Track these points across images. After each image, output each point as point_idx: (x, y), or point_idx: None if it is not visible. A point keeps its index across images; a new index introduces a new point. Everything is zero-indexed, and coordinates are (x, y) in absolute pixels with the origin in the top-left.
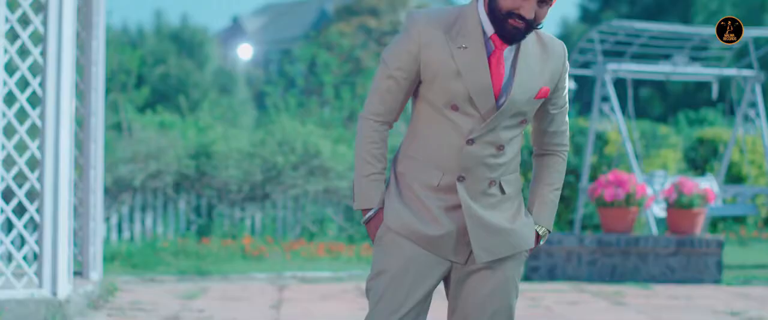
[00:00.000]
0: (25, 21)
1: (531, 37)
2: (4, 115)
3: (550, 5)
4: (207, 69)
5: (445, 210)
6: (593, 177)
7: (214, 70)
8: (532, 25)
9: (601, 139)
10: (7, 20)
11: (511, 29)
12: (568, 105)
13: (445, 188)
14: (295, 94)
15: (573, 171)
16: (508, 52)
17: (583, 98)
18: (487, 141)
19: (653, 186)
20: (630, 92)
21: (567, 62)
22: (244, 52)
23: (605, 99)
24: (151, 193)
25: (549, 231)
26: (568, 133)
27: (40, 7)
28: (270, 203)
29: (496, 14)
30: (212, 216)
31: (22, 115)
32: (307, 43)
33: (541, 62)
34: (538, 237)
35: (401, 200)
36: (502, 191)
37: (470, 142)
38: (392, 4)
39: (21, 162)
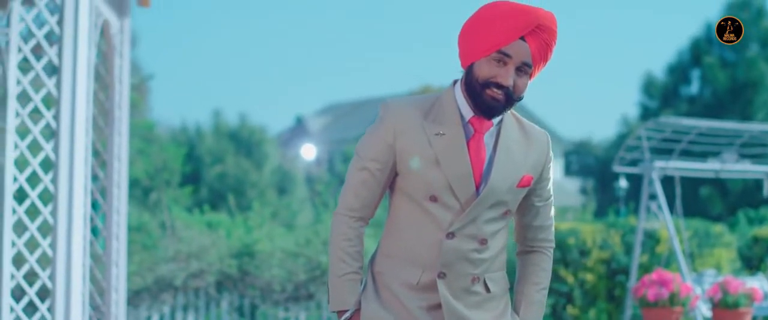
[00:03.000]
0: (36, 117)
1: (513, 123)
2: (14, 211)
3: (530, 77)
4: (265, 168)
5: (427, 310)
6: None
7: (273, 169)
8: (511, 96)
9: (653, 238)
10: (17, 115)
11: (489, 100)
12: (553, 198)
13: (425, 286)
14: None
15: (623, 271)
16: (488, 137)
17: (635, 196)
18: (468, 234)
19: (703, 286)
20: (678, 190)
21: (551, 152)
22: (308, 152)
23: (653, 197)
24: (193, 293)
25: None
26: (553, 228)
27: (52, 102)
28: (315, 303)
29: (473, 87)
30: (255, 317)
31: (33, 211)
32: None
33: (524, 149)
34: None
35: (379, 301)
36: (487, 289)
37: (450, 235)
38: None
39: (32, 260)
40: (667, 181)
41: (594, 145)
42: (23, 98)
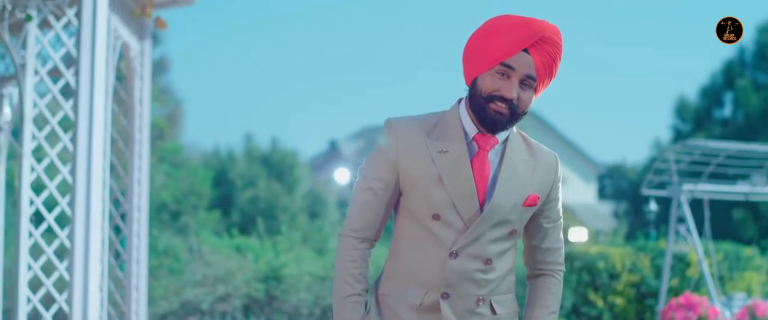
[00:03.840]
0: (52, 140)
1: (519, 142)
2: (30, 234)
3: (535, 92)
4: (297, 192)
5: None
6: None
7: (304, 193)
8: (515, 109)
9: (683, 262)
10: (34, 138)
11: (493, 114)
12: (562, 220)
13: (429, 308)
14: None
15: (652, 295)
16: (493, 154)
17: (665, 220)
18: (471, 254)
19: (732, 309)
20: (706, 213)
21: (560, 172)
22: (341, 176)
23: (681, 220)
24: (220, 317)
25: None
26: (563, 251)
27: (69, 125)
28: None
29: (477, 101)
30: None
31: (50, 234)
32: None
33: (530, 168)
34: None
35: None
36: (493, 311)
37: (453, 255)
38: None
39: (48, 283)
40: (697, 204)
41: (628, 168)
42: (40, 121)
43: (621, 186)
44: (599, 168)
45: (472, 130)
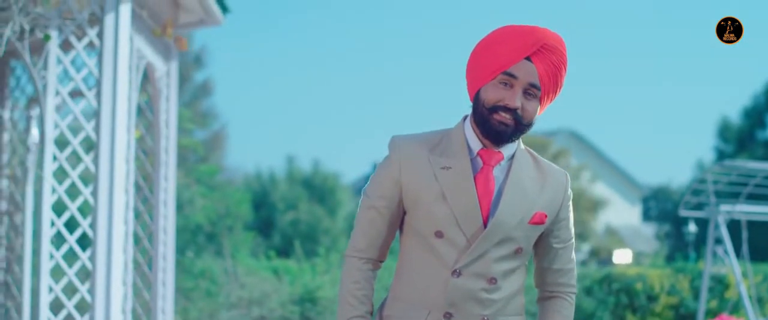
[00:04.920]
0: (73, 161)
1: (527, 159)
2: (51, 256)
3: (541, 103)
4: (338, 215)
5: None
6: None
7: (346, 216)
8: (520, 120)
9: (722, 283)
10: (55, 159)
11: (497, 125)
12: (574, 240)
13: None
14: None
15: (691, 316)
16: (499, 171)
17: (705, 241)
18: (475, 272)
19: None
20: (744, 234)
21: (570, 191)
22: None
23: (719, 241)
24: None
25: None
26: (575, 272)
27: (90, 146)
28: None
29: (481, 113)
30: None
31: (71, 256)
32: None
33: (538, 185)
34: None
35: None
36: None
37: (456, 273)
38: (532, 148)
39: (70, 305)
40: (736, 225)
41: (673, 190)
42: (61, 142)
43: (666, 208)
44: (644, 191)
45: (476, 145)
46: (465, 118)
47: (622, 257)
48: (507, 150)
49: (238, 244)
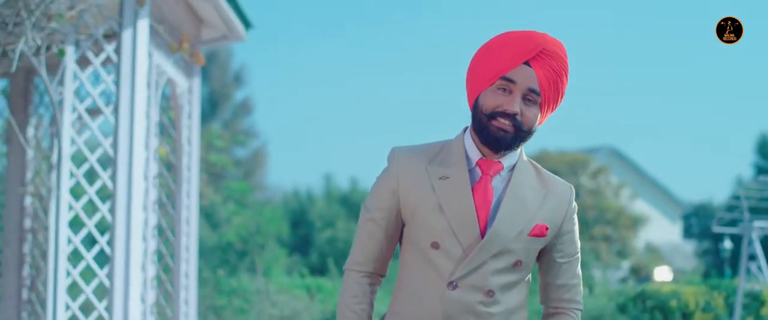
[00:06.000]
0: (91, 177)
1: (529, 170)
2: (68, 273)
3: (541, 110)
4: None
5: None
6: None
7: None
8: (519, 126)
9: (757, 300)
10: (72, 175)
11: (496, 131)
12: (579, 255)
13: None
14: None
15: None
16: (499, 181)
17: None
18: (471, 285)
19: None
20: None
21: (575, 204)
22: None
23: (753, 257)
24: None
25: None
26: (581, 288)
27: (108, 162)
28: None
29: (480, 120)
30: None
31: (88, 273)
32: None
33: (539, 197)
34: None
35: None
36: None
37: (452, 285)
38: (572, 167)
39: None
40: None
41: (714, 207)
42: (78, 158)
43: (706, 225)
44: (685, 208)
45: (475, 155)
46: (465, 129)
47: (662, 274)
48: (507, 160)
49: (271, 262)
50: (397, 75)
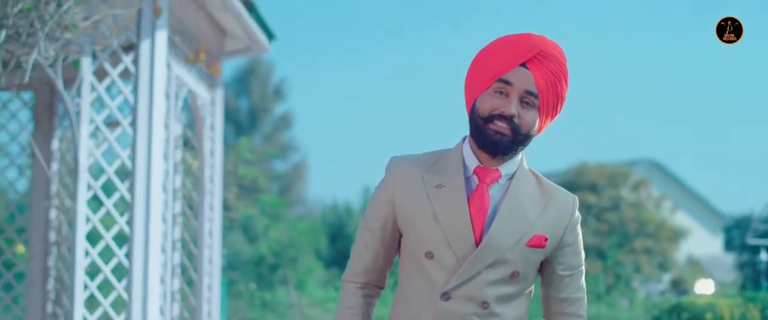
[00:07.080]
0: (108, 189)
1: (529, 179)
2: (86, 286)
3: (540, 114)
4: None
5: None
6: None
7: None
8: (517, 129)
9: None
10: (89, 187)
11: (493, 135)
12: (583, 268)
13: None
14: None
15: None
16: (497, 190)
17: None
18: (465, 296)
19: None
20: None
21: (578, 214)
22: None
23: None
24: None
25: None
26: (584, 302)
27: (126, 174)
28: None
29: (477, 124)
30: None
31: (106, 286)
32: None
33: (539, 206)
34: None
35: None
36: None
37: (445, 296)
38: (612, 179)
39: None
40: None
41: (755, 219)
42: (95, 170)
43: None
44: (726, 220)
45: (473, 163)
46: (464, 138)
47: (704, 287)
48: (506, 168)
49: (305, 275)
50: (437, 86)
